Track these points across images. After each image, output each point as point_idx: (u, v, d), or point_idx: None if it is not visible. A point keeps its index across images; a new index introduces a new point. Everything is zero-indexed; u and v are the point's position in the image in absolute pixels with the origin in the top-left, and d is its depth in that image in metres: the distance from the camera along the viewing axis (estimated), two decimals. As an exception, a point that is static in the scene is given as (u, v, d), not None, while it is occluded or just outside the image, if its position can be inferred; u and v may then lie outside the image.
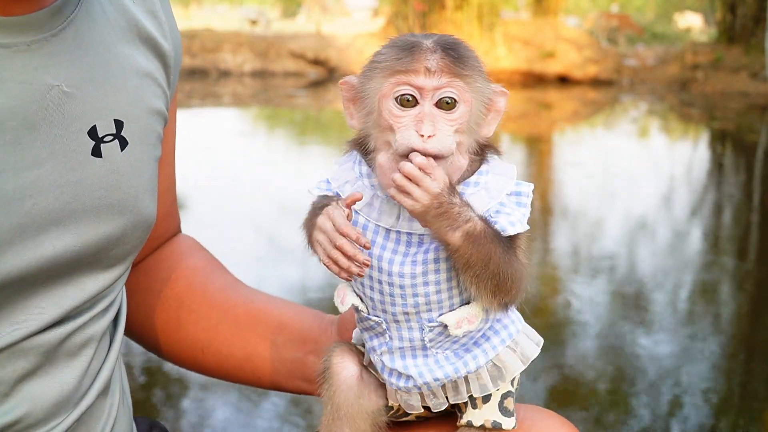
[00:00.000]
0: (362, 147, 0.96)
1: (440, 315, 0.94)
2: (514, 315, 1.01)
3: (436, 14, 14.77)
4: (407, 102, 0.88)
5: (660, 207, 5.95)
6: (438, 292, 0.94)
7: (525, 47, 14.47)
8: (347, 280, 0.89)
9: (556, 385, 2.89)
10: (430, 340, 0.96)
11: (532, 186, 0.96)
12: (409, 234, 0.93)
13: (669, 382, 2.92)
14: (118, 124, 0.95)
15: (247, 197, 5.79)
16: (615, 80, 14.23)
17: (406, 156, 0.87)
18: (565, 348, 3.21)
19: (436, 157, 0.87)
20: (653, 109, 12.03)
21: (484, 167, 0.95)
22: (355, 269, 0.87)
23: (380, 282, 0.94)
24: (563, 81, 13.88)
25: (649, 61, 14.66)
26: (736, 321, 3.70)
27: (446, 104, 0.89)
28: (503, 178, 0.95)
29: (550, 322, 3.45)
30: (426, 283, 0.93)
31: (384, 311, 0.95)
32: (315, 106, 11.58)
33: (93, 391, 1.00)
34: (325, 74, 14.32)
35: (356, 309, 0.98)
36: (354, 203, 0.92)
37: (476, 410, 1.00)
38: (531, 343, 1.02)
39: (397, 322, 0.96)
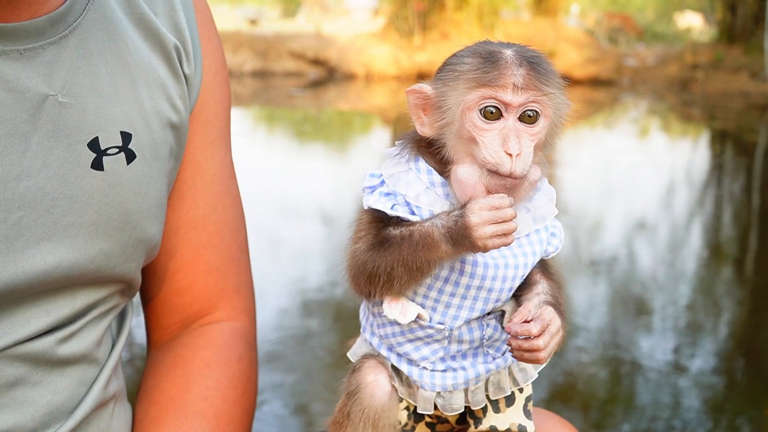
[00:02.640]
0: (420, 149, 0.94)
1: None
2: None
3: (436, 14, 14.78)
4: (491, 114, 0.87)
5: (660, 207, 5.95)
6: (508, 291, 0.95)
7: (525, 47, 14.47)
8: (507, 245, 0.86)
9: (556, 386, 2.89)
10: (488, 338, 0.96)
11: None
12: None
13: (669, 382, 2.92)
14: (125, 137, 0.91)
15: (247, 197, 5.78)
16: (615, 80, 14.23)
17: (492, 172, 0.87)
18: (564, 348, 3.21)
19: (520, 177, 0.87)
20: (653, 108, 12.03)
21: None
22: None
23: (468, 287, 0.93)
24: (563, 81, 13.87)
25: (649, 61, 14.66)
26: (736, 320, 3.70)
27: (528, 117, 0.88)
28: (546, 182, 0.98)
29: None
30: (511, 289, 0.94)
31: (455, 317, 0.94)
32: (315, 106, 11.58)
33: (89, 400, 0.96)
34: (325, 74, 14.31)
35: (415, 319, 0.95)
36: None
37: (500, 414, 0.99)
38: None
39: (460, 327, 0.95)
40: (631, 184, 6.67)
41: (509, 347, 0.88)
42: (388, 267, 0.89)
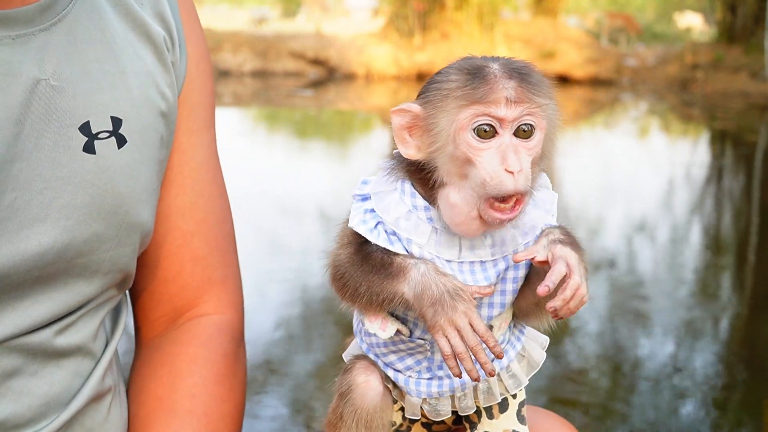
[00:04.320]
0: (409, 171, 0.90)
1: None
2: None
3: (436, 14, 14.79)
4: (485, 132, 0.83)
5: (660, 207, 5.95)
6: (500, 307, 0.93)
7: (525, 47, 14.47)
8: (459, 377, 0.86)
9: (555, 386, 2.89)
10: None
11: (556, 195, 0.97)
12: (471, 262, 0.90)
13: (669, 382, 2.92)
14: (116, 122, 0.93)
15: (247, 197, 5.79)
16: (615, 80, 14.24)
17: (496, 198, 0.83)
18: (564, 348, 3.21)
19: (524, 194, 0.84)
20: (653, 108, 12.04)
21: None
22: (475, 374, 0.85)
23: None
24: (563, 81, 13.88)
25: (649, 61, 14.67)
26: (736, 320, 3.70)
27: (523, 132, 0.84)
28: (545, 191, 0.95)
29: (548, 322, 3.45)
30: (491, 305, 0.92)
31: None
32: (315, 106, 11.58)
33: (85, 392, 0.97)
34: (325, 74, 14.32)
35: (396, 333, 0.94)
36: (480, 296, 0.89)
37: (493, 420, 0.98)
38: (536, 333, 1.04)
39: None
40: (631, 184, 6.67)
41: (552, 309, 0.85)
42: (356, 284, 0.89)
